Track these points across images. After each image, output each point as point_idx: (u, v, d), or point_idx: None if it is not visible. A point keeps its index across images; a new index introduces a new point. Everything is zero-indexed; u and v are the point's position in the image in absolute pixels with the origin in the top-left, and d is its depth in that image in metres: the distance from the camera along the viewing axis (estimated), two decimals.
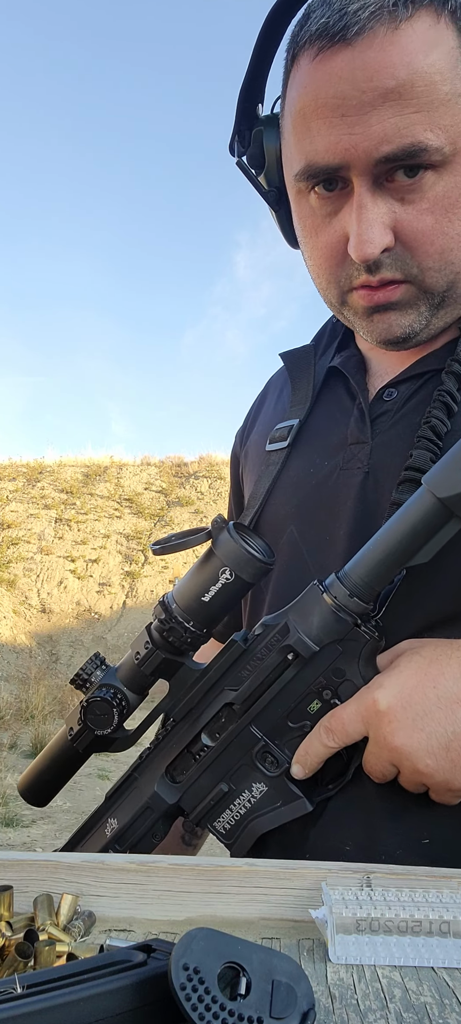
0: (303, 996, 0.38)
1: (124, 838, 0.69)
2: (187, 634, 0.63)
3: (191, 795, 0.67)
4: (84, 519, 13.15)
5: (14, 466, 14.54)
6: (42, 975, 0.39)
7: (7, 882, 0.56)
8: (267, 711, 0.64)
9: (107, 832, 0.70)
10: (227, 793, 0.65)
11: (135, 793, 0.69)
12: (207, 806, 0.66)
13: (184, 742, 0.67)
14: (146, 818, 0.68)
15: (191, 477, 14.21)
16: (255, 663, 0.63)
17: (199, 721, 0.66)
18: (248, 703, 0.64)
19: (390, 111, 0.60)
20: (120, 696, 0.66)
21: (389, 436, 0.74)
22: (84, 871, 0.57)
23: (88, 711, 0.66)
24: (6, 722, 7.57)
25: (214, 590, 0.61)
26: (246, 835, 0.66)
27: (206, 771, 0.66)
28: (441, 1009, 0.42)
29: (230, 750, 0.65)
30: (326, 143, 0.64)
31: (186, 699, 0.66)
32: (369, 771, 0.63)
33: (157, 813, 0.68)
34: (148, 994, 0.37)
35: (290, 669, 0.63)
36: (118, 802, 0.70)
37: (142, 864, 0.57)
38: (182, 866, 0.56)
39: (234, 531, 0.62)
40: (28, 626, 11.33)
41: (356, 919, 0.49)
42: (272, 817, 0.65)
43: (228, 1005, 0.36)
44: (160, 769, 0.67)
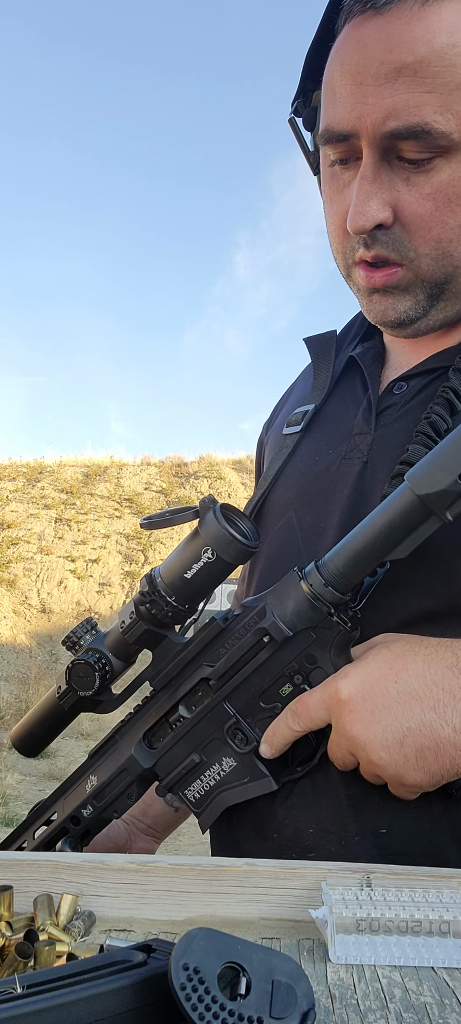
0: (303, 996, 0.38)
1: (102, 795, 0.72)
2: (168, 608, 0.65)
3: (165, 762, 0.69)
4: (84, 519, 13.15)
5: (14, 466, 14.54)
6: (42, 975, 0.39)
7: (7, 882, 0.56)
8: (240, 689, 0.66)
9: (87, 788, 0.73)
10: (199, 764, 0.68)
11: (115, 754, 0.72)
12: (179, 774, 0.69)
13: (162, 711, 0.69)
14: (122, 779, 0.71)
15: (191, 477, 14.21)
16: (232, 642, 0.65)
17: (177, 692, 0.68)
18: (223, 680, 0.66)
19: (403, 86, 0.60)
20: (104, 661, 0.68)
21: (392, 429, 0.74)
22: (84, 871, 0.57)
23: (73, 672, 0.69)
24: (6, 722, 7.56)
25: (196, 567, 0.63)
26: (214, 806, 0.69)
27: (180, 740, 0.68)
28: (441, 1009, 0.42)
29: (204, 723, 0.67)
30: (343, 109, 0.64)
31: (166, 670, 0.68)
32: (332, 758, 0.64)
33: (132, 775, 0.70)
34: (148, 994, 0.37)
35: (264, 651, 0.64)
36: (99, 761, 0.73)
37: (142, 864, 0.57)
38: (182, 866, 0.56)
39: (219, 512, 0.63)
40: (28, 626, 11.33)
41: (356, 919, 0.49)
42: (239, 791, 0.67)
43: (228, 1005, 0.36)
44: (139, 734, 0.70)
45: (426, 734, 0.57)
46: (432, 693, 0.57)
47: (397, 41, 0.60)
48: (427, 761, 0.57)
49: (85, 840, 0.76)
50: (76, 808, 0.73)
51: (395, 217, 0.65)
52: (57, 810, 0.76)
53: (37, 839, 0.77)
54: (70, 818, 0.74)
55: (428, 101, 0.59)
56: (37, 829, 0.78)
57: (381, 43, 0.61)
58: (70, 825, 0.74)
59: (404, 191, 0.64)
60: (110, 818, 0.74)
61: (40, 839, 0.77)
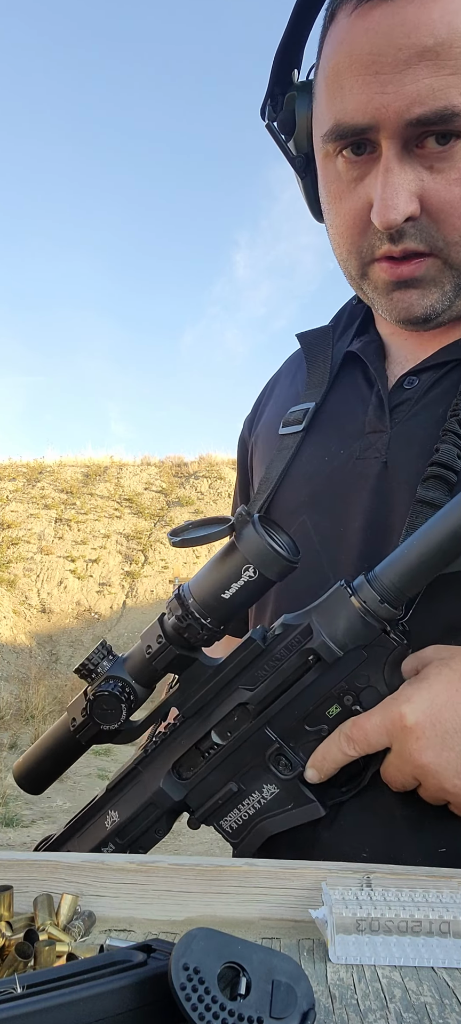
0: (303, 996, 0.38)
1: (125, 832, 0.67)
2: (204, 631, 0.60)
3: (198, 793, 0.65)
4: (84, 519, 13.15)
5: (14, 466, 14.54)
6: (42, 975, 0.39)
7: (7, 882, 0.56)
8: (283, 713, 0.62)
9: (107, 824, 0.68)
10: (236, 793, 0.64)
11: (138, 787, 0.67)
12: (214, 805, 0.65)
13: (193, 739, 0.64)
14: (149, 814, 0.66)
15: (191, 477, 14.20)
16: (273, 664, 0.61)
17: (210, 719, 0.63)
18: (264, 704, 0.61)
19: (426, 71, 0.58)
20: (128, 690, 0.63)
21: (409, 426, 0.72)
22: (84, 871, 0.57)
23: (95, 705, 0.63)
24: (6, 722, 7.56)
25: (235, 587, 0.58)
26: (254, 835, 0.65)
27: (215, 770, 0.64)
28: (441, 1009, 0.42)
29: (242, 750, 0.63)
30: (357, 102, 0.62)
31: (198, 696, 0.63)
32: (388, 781, 0.61)
33: (161, 810, 0.66)
34: (148, 994, 0.37)
35: (311, 672, 0.60)
36: (120, 795, 0.67)
37: (142, 864, 0.57)
38: (182, 866, 0.56)
39: (260, 526, 0.58)
40: (28, 626, 11.32)
41: (356, 919, 0.49)
42: (283, 819, 0.63)
43: (228, 1005, 0.36)
44: (167, 765, 0.65)
45: None
46: None
47: (415, 25, 0.58)
48: None
49: None
50: (95, 847, 0.68)
51: (422, 207, 0.63)
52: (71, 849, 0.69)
53: None
54: None
55: (453, 83, 0.58)
56: None
57: (397, 28, 0.58)
58: None
59: (429, 179, 0.63)
60: None
61: None
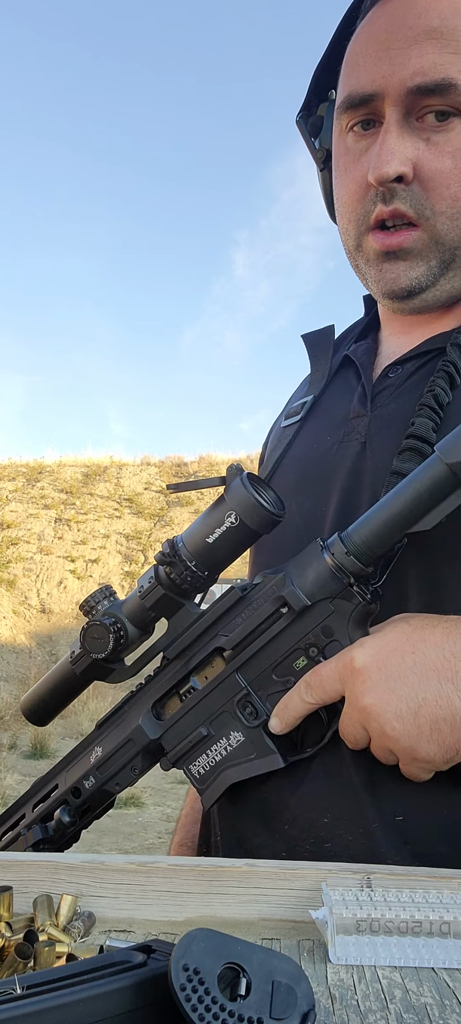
0: (303, 997, 0.38)
1: (105, 766, 0.70)
2: (187, 572, 0.64)
3: (172, 734, 0.67)
4: (84, 519, 13.15)
5: (14, 466, 14.53)
6: (42, 976, 0.39)
7: (7, 882, 0.56)
8: (254, 660, 0.64)
9: (91, 759, 0.71)
10: (205, 737, 0.66)
11: (122, 724, 0.70)
12: (185, 747, 0.67)
13: (173, 681, 0.68)
14: (127, 750, 0.69)
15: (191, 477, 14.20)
16: (249, 611, 0.64)
17: (190, 663, 0.67)
18: (238, 649, 0.64)
19: (431, 48, 0.64)
20: (119, 625, 0.67)
21: (389, 409, 0.75)
22: (84, 872, 0.57)
23: (86, 634, 0.67)
24: (6, 722, 7.56)
25: (218, 532, 0.62)
26: (218, 782, 0.67)
27: (190, 712, 0.66)
28: (441, 1010, 0.42)
29: (214, 695, 0.66)
30: (368, 73, 0.68)
31: (181, 639, 0.67)
32: (343, 734, 0.62)
33: (138, 746, 0.68)
34: (148, 995, 0.37)
35: (281, 620, 0.63)
36: (106, 732, 0.71)
37: (142, 864, 0.57)
38: (182, 866, 0.56)
39: (246, 479, 0.62)
40: (28, 626, 11.32)
41: (356, 920, 0.49)
42: (245, 768, 0.65)
43: (228, 1006, 0.36)
44: (147, 704, 0.68)
45: (443, 706, 0.55)
46: (450, 665, 0.56)
47: (425, 8, 0.64)
48: (442, 734, 0.56)
49: (85, 817, 0.73)
50: (78, 779, 0.71)
51: (415, 174, 0.67)
52: (59, 782, 0.73)
53: (35, 812, 0.74)
54: (71, 790, 0.71)
55: (454, 61, 0.64)
56: (38, 803, 0.75)
57: (410, 11, 0.65)
58: (70, 797, 0.71)
59: (424, 149, 0.67)
60: (112, 791, 0.71)
61: (39, 813, 0.74)
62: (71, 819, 0.71)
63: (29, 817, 0.75)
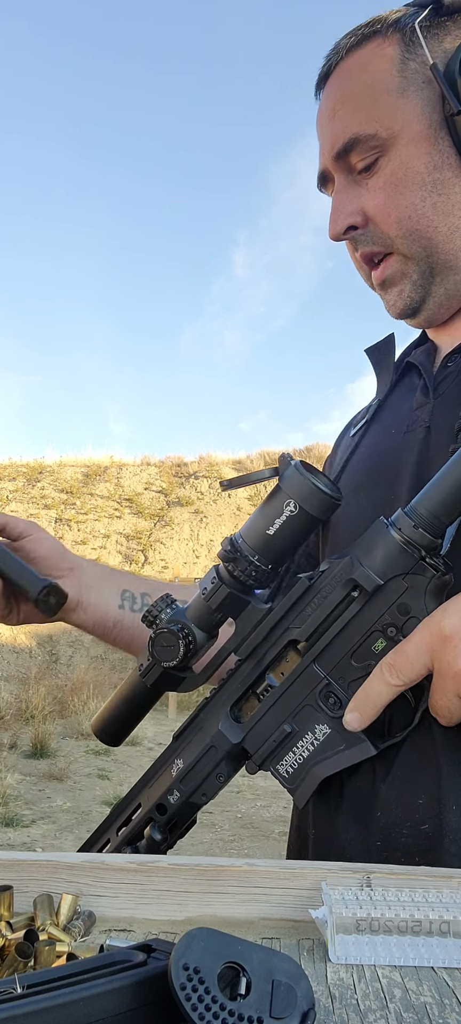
0: (303, 996, 0.38)
1: (189, 778, 0.68)
2: (251, 567, 0.63)
3: (255, 735, 0.66)
4: (84, 519, 13.15)
5: (14, 466, 14.53)
6: (42, 975, 0.39)
7: (7, 882, 0.56)
8: (330, 649, 0.63)
9: (173, 772, 0.69)
10: (290, 734, 0.64)
11: (200, 734, 0.68)
12: (270, 747, 0.65)
13: (249, 681, 0.66)
14: (210, 757, 0.67)
15: (191, 477, 14.20)
16: (319, 599, 0.63)
17: (263, 660, 0.65)
18: (312, 640, 0.63)
19: (340, 116, 0.77)
20: (186, 631, 0.66)
21: (449, 395, 0.78)
22: (84, 871, 0.57)
23: (155, 642, 0.66)
24: (6, 722, 7.56)
25: (278, 523, 0.62)
26: (309, 779, 0.65)
27: (269, 711, 0.65)
28: (441, 1009, 0.42)
29: (293, 689, 0.64)
30: (320, 156, 0.82)
31: (251, 637, 0.65)
32: (434, 709, 0.61)
33: (221, 752, 0.67)
34: (148, 994, 0.37)
35: (354, 604, 0.62)
36: (184, 743, 0.69)
37: (142, 864, 0.57)
38: (182, 866, 0.56)
39: (300, 465, 0.63)
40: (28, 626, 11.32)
41: (356, 919, 0.49)
42: (334, 761, 0.63)
43: (228, 1005, 0.36)
44: (224, 708, 0.67)
45: None
46: None
47: (335, 89, 0.78)
48: None
49: (173, 832, 0.71)
50: (162, 795, 0.69)
51: (366, 218, 0.78)
52: (142, 800, 0.71)
53: (120, 836, 0.73)
54: (156, 807, 0.69)
55: (355, 118, 0.75)
56: (121, 826, 0.73)
57: (329, 94, 0.79)
58: (156, 815, 0.70)
59: (364, 195, 0.77)
60: (199, 803, 0.70)
61: (124, 836, 0.72)
62: (162, 836, 0.70)
63: (115, 842, 0.73)
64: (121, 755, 6.76)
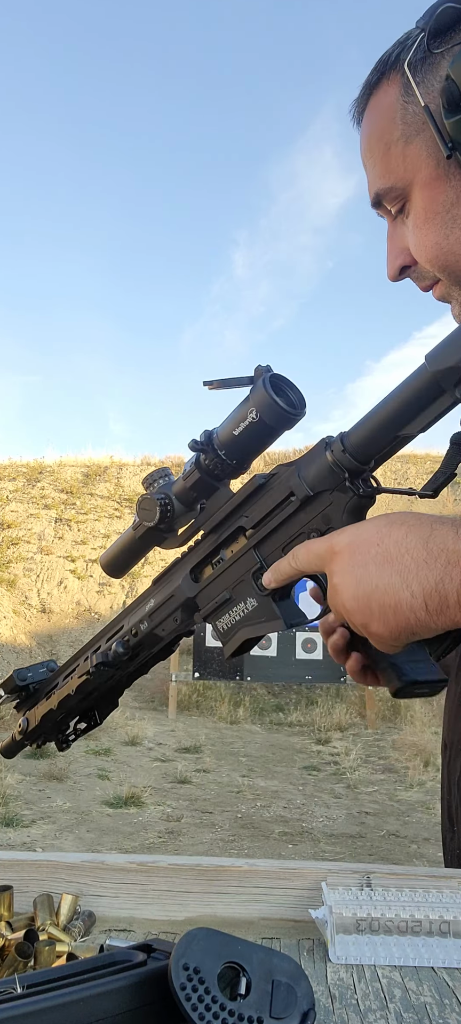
0: (303, 996, 0.38)
1: (155, 615, 0.83)
2: (218, 460, 0.75)
3: (205, 595, 0.80)
4: (84, 519, 13.15)
5: (14, 466, 14.52)
6: (42, 975, 0.39)
7: (7, 882, 0.56)
8: (268, 540, 0.75)
9: (146, 608, 0.83)
10: (229, 600, 0.78)
11: (169, 583, 0.83)
12: (213, 606, 0.79)
13: (207, 551, 0.79)
14: (170, 604, 0.82)
15: None
16: (267, 497, 0.74)
17: (220, 537, 0.78)
18: (256, 529, 0.75)
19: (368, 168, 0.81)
20: (166, 501, 0.79)
21: None
22: (84, 871, 0.57)
23: (140, 505, 0.81)
24: (6, 722, 7.56)
25: (242, 426, 0.72)
26: (235, 638, 0.78)
27: (218, 578, 0.79)
28: (441, 1009, 0.42)
29: (236, 566, 0.77)
30: None
31: (214, 516, 0.79)
32: (331, 606, 0.70)
33: (178, 601, 0.81)
34: (148, 994, 0.37)
35: (290, 507, 0.72)
36: (157, 588, 0.84)
37: (142, 864, 0.57)
38: (182, 866, 0.56)
39: (268, 380, 0.71)
40: (28, 626, 11.32)
41: (356, 919, 0.49)
42: (256, 628, 0.77)
43: (228, 1005, 0.36)
44: (187, 568, 0.81)
45: (390, 594, 0.62)
46: (403, 560, 0.62)
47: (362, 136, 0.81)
48: (387, 618, 0.62)
49: (137, 656, 0.85)
50: (135, 623, 0.84)
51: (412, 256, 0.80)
52: (124, 623, 0.87)
53: (105, 644, 0.87)
54: (131, 631, 0.84)
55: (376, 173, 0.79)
56: (110, 638, 0.87)
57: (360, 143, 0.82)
58: (131, 636, 0.84)
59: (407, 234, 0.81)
60: (160, 636, 0.83)
61: (108, 645, 0.86)
62: (124, 650, 0.84)
63: (103, 648, 0.87)
64: (121, 755, 6.76)
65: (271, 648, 8.76)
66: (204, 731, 8.11)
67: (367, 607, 0.63)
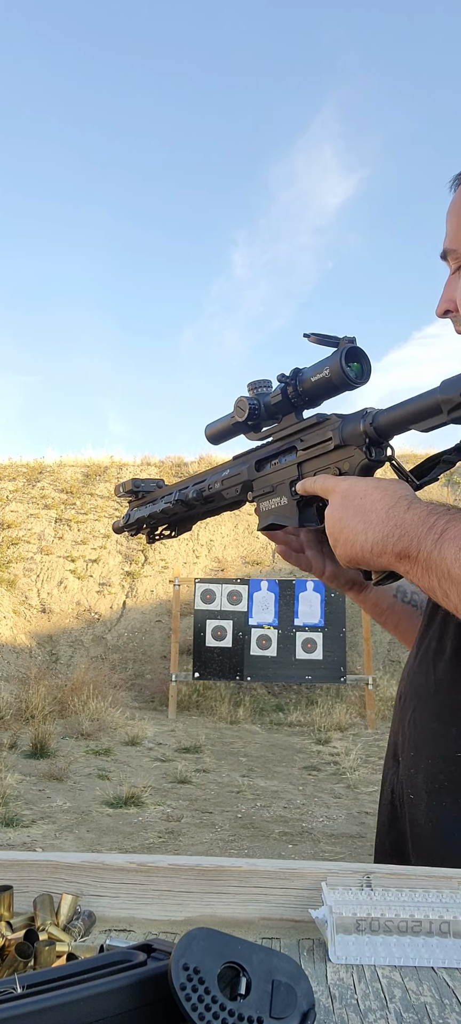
0: (303, 996, 0.38)
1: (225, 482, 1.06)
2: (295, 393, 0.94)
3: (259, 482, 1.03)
4: (84, 519, 13.14)
5: (14, 466, 14.52)
6: (42, 975, 0.39)
7: (7, 882, 0.56)
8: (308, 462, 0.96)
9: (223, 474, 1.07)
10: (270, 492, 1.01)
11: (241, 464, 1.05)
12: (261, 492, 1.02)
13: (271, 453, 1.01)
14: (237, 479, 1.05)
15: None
16: (317, 430, 0.94)
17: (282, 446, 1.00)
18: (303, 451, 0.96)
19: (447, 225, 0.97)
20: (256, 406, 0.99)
21: None
22: (84, 871, 0.57)
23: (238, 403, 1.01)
24: (6, 722, 7.56)
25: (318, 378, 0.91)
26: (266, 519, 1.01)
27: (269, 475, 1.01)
28: (441, 1009, 0.42)
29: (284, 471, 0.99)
30: None
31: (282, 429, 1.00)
32: None
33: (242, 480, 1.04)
34: (148, 994, 0.37)
35: (328, 446, 0.92)
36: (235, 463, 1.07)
37: (142, 864, 0.57)
38: (182, 866, 0.56)
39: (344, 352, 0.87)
40: (28, 626, 11.32)
41: (356, 919, 0.49)
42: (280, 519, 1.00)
43: (228, 1005, 0.36)
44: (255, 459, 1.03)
45: (353, 535, 0.84)
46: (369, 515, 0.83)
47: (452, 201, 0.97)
48: (346, 548, 0.85)
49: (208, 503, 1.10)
50: (213, 481, 1.08)
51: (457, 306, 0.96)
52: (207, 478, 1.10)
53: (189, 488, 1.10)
54: (208, 486, 1.08)
55: (450, 231, 0.96)
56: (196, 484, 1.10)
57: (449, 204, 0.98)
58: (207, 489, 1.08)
59: (458, 290, 0.96)
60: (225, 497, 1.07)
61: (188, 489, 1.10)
62: (197, 497, 1.09)
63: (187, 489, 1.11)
64: (121, 755, 6.76)
65: (271, 648, 8.76)
66: (204, 731, 8.11)
67: (339, 536, 0.87)
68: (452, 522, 0.77)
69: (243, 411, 1.01)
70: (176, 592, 9.54)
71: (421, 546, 0.78)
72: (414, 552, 0.78)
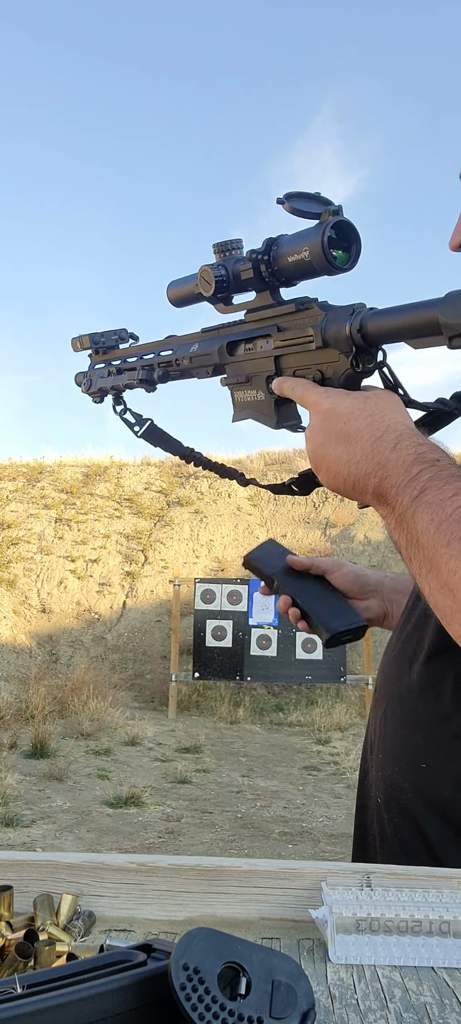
0: (303, 996, 0.38)
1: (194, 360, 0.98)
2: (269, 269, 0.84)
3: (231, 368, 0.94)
4: (84, 519, 13.15)
5: (14, 466, 14.53)
6: (42, 975, 0.39)
7: (7, 882, 0.56)
8: (286, 358, 0.87)
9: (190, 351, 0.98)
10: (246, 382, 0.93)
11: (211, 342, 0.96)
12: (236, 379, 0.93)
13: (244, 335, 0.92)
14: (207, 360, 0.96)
15: (191, 477, 14.20)
16: (299, 319, 0.84)
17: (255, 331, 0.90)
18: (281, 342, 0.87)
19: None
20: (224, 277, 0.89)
21: None
22: (84, 871, 0.57)
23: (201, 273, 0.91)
24: (6, 722, 7.56)
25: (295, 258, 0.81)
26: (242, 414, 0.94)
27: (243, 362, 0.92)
28: (441, 1009, 0.42)
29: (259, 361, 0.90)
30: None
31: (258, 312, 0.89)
32: None
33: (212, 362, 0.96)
34: (148, 994, 0.37)
35: (309, 344, 0.83)
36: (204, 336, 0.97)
37: (142, 864, 0.57)
38: (182, 866, 0.56)
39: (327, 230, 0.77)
40: (28, 626, 11.32)
41: (356, 919, 0.49)
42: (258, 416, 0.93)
43: (228, 1005, 0.36)
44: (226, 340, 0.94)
45: (335, 464, 0.77)
46: (354, 446, 0.76)
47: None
48: (328, 476, 0.79)
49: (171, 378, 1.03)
50: (180, 356, 0.99)
51: None
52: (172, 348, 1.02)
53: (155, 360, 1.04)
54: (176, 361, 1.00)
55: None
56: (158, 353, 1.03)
57: None
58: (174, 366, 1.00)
59: None
60: (195, 375, 1.00)
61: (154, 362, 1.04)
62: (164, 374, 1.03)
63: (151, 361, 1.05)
64: (121, 755, 6.76)
65: (271, 648, 8.76)
66: (204, 731, 8.11)
67: (320, 462, 0.80)
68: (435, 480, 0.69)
69: (209, 284, 0.90)
70: (176, 592, 9.54)
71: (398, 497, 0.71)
72: (392, 501, 0.72)
